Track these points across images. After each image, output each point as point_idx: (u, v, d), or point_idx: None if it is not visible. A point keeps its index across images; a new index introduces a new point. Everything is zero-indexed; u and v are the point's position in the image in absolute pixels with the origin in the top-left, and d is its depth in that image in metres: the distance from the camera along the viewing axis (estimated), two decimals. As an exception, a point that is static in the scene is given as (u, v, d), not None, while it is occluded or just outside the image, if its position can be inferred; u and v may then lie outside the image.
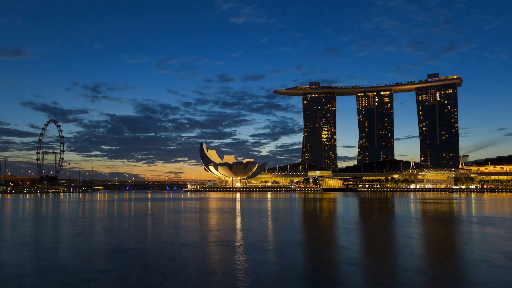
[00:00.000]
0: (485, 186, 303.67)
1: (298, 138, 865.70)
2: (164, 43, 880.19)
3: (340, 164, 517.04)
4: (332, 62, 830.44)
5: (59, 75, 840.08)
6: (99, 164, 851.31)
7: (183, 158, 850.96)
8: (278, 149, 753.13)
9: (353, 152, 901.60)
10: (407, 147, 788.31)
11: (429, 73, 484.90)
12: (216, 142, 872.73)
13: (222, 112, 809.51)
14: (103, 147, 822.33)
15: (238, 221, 50.64)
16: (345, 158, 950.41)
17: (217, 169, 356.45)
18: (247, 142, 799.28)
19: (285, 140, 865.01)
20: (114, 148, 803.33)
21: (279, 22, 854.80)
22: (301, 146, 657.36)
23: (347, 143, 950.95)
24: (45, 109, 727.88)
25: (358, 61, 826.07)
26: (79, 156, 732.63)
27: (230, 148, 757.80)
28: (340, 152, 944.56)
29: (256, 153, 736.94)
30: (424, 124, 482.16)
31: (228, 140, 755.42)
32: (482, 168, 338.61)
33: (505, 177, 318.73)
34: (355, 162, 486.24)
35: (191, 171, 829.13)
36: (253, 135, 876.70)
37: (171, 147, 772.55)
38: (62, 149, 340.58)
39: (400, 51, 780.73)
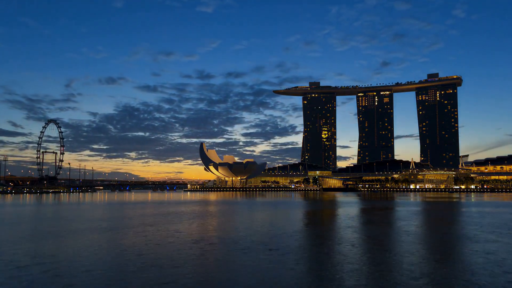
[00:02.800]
0: (485, 186, 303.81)
1: (291, 138, 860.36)
2: (128, 35, 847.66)
3: (340, 164, 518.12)
4: (313, 56, 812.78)
5: (27, 70, 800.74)
6: (93, 164, 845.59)
7: (178, 158, 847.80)
8: (271, 149, 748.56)
9: (353, 152, 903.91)
10: (407, 147, 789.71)
11: (429, 73, 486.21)
12: (207, 141, 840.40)
13: (209, 111, 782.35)
14: (94, 146, 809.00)
15: None
16: (345, 158, 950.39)
17: (217, 169, 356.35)
18: (239, 141, 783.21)
19: (277, 140, 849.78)
20: (105, 147, 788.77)
21: (250, 12, 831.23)
22: (294, 146, 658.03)
23: (347, 143, 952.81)
24: (22, 107, 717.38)
25: (341, 56, 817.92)
26: (71, 156, 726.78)
27: (222, 148, 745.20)
28: (340, 152, 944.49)
29: (249, 153, 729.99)
30: (424, 124, 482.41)
31: (219, 140, 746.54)
32: (482, 168, 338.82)
33: (505, 177, 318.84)
34: (355, 162, 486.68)
35: (190, 170, 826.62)
36: (244, 134, 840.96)
37: (164, 147, 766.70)
38: (62, 144, 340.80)
39: (386, 45, 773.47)
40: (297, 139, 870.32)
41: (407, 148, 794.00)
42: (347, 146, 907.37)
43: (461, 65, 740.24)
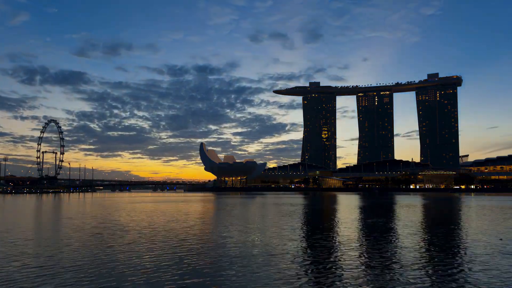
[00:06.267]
0: (485, 186, 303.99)
1: (282, 137, 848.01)
2: (76, 24, 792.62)
3: (340, 164, 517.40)
4: (288, 48, 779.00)
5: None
6: (87, 164, 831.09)
7: (173, 158, 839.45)
8: (263, 149, 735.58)
9: (353, 152, 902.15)
10: (407, 147, 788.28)
11: (429, 73, 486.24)
12: (198, 141, 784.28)
13: (195, 109, 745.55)
14: (82, 146, 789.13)
15: None
16: (345, 158, 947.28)
17: (217, 169, 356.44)
18: (230, 141, 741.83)
19: (268, 139, 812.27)
20: (93, 147, 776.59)
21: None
22: (286, 146, 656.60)
23: (347, 144, 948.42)
24: None
25: (317, 50, 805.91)
26: (66, 156, 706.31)
27: (214, 147, 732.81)
28: (340, 152, 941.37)
29: (242, 152, 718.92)
30: (424, 124, 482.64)
31: (210, 139, 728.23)
32: (482, 168, 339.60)
33: (505, 177, 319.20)
34: (355, 162, 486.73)
35: (190, 170, 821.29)
36: (234, 134, 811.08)
37: (155, 146, 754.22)
38: (62, 144, 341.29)
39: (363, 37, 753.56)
40: (290, 138, 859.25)
41: (407, 148, 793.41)
42: (347, 146, 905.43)
43: (461, 65, 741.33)
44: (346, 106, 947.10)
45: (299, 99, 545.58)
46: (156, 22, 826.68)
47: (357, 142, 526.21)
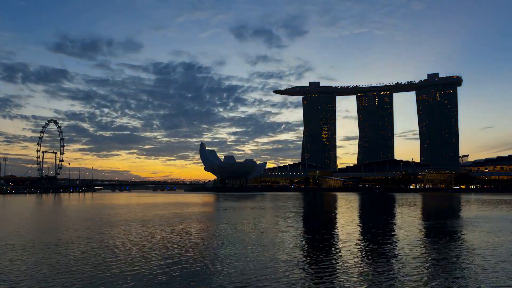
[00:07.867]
0: (485, 186, 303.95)
1: (278, 137, 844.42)
2: (50, 20, 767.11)
3: (340, 164, 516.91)
4: (275, 45, 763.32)
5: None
6: (86, 164, 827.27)
7: (170, 158, 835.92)
8: (259, 148, 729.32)
9: (353, 152, 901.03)
10: (407, 147, 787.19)
11: (429, 73, 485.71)
12: (194, 141, 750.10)
13: (187, 109, 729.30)
14: (76, 146, 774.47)
15: None
16: (345, 158, 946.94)
17: (217, 169, 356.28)
18: (226, 141, 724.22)
19: (264, 139, 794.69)
20: (87, 147, 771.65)
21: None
22: (283, 145, 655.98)
23: (347, 144, 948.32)
24: None
25: (304, 47, 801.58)
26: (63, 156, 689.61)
27: (212, 147, 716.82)
28: (340, 152, 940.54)
29: (239, 152, 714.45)
30: (424, 124, 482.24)
31: (206, 139, 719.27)
32: (482, 168, 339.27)
33: (505, 177, 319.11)
34: (355, 162, 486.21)
35: (191, 170, 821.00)
36: (228, 133, 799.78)
37: (152, 146, 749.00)
38: (62, 144, 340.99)
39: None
40: (285, 138, 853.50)
41: (407, 148, 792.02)
42: (347, 146, 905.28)
43: (461, 65, 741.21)
44: (346, 106, 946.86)
45: (293, 98, 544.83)
46: (135, 16, 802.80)
47: (357, 142, 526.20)
